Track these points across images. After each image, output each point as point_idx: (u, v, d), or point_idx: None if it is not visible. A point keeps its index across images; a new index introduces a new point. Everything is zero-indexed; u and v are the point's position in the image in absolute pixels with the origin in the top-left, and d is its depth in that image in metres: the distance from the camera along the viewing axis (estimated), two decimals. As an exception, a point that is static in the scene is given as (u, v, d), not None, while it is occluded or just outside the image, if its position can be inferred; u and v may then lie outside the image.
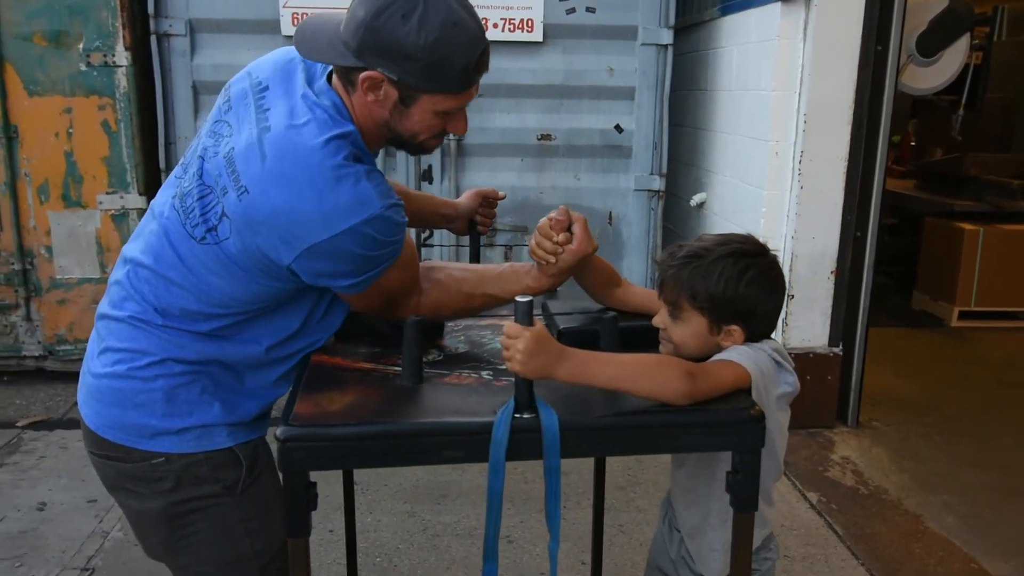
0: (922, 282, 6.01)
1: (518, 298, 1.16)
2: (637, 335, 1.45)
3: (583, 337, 1.42)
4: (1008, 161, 5.98)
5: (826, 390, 3.81)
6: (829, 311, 3.73)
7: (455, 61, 1.29)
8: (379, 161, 4.10)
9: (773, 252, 1.46)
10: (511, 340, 1.16)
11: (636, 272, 4.30)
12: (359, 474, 3.29)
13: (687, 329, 1.41)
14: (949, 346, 5.28)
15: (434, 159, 4.18)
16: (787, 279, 3.59)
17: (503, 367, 1.25)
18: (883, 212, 3.75)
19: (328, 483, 2.27)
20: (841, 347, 3.78)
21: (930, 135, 7.44)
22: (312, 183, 1.24)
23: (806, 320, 3.72)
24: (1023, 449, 3.71)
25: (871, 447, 3.70)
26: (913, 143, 7.56)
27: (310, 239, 1.25)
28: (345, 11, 1.31)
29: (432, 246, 4.24)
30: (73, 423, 3.71)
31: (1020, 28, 8.18)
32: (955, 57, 4.13)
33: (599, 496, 2.23)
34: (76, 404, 1.47)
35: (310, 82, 1.36)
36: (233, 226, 1.28)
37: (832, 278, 3.69)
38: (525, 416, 1.16)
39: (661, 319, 1.44)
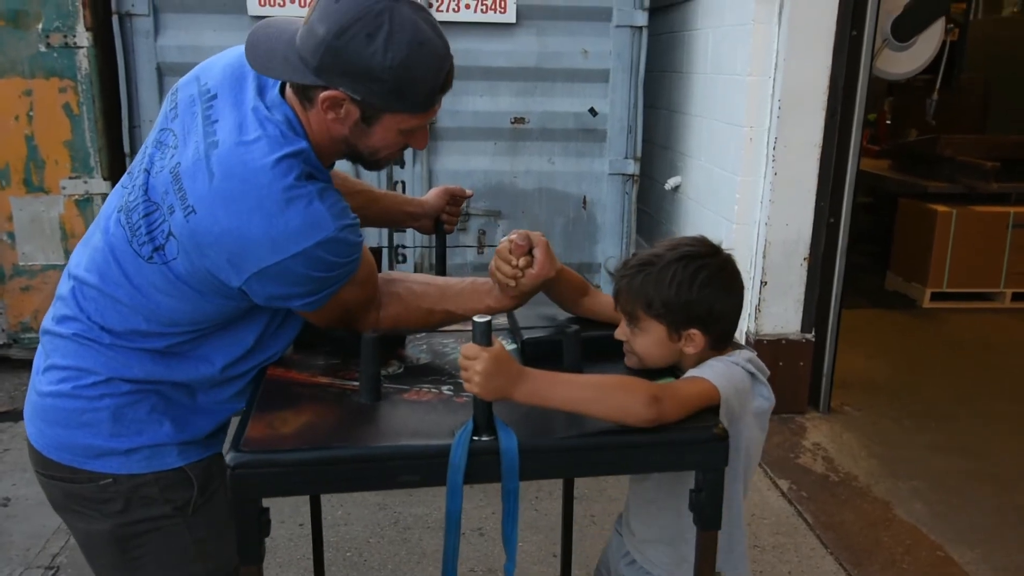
0: (895, 263, 6.04)
1: (476, 318, 1.13)
2: (603, 345, 1.43)
3: (547, 347, 1.39)
4: (982, 142, 6.00)
5: (798, 376, 3.82)
6: (802, 297, 3.73)
7: (421, 82, 1.25)
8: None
9: (728, 251, 1.44)
10: (469, 361, 1.13)
11: (611, 257, 4.28)
12: (330, 465, 3.27)
13: (648, 339, 1.39)
14: (921, 328, 5.31)
15: (406, 143, 4.11)
16: (760, 265, 3.60)
17: (462, 381, 1.22)
18: (856, 198, 3.74)
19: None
20: (814, 333, 3.79)
21: (905, 114, 7.44)
22: (261, 205, 1.19)
23: (779, 307, 3.72)
24: (992, 433, 3.75)
25: (842, 432, 3.72)
26: (889, 121, 7.57)
27: (260, 263, 1.20)
28: (300, 20, 1.25)
29: (404, 260, 4.19)
30: (38, 413, 3.63)
31: (997, 6, 8.18)
32: (930, 42, 4.11)
33: (568, 488, 2.22)
34: None
35: (261, 93, 1.30)
36: (180, 246, 1.23)
37: (805, 264, 3.69)
38: (484, 439, 1.14)
39: (622, 331, 1.42)
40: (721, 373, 1.32)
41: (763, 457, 3.42)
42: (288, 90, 1.31)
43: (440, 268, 1.98)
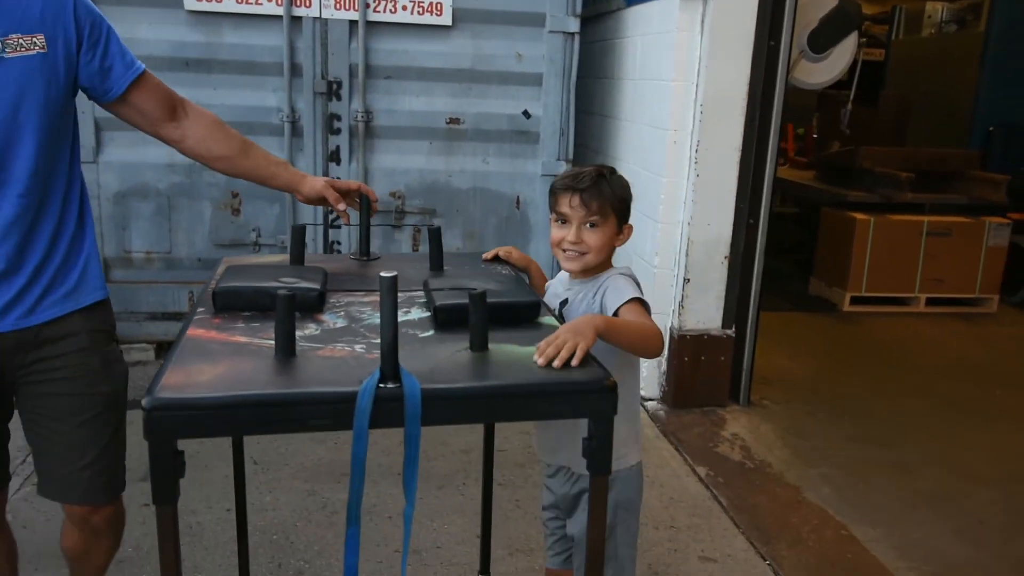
0: (818, 269, 6.29)
1: (382, 273, 1.21)
2: (508, 311, 1.53)
3: (458, 313, 1.48)
4: (898, 154, 6.30)
5: (719, 370, 3.98)
6: (723, 295, 3.90)
7: None
8: (286, 142, 4.09)
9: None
10: (556, 340, 1.34)
11: (543, 254, 4.38)
12: (261, 454, 3.30)
13: (605, 234, 1.76)
14: (840, 330, 5.56)
15: (342, 140, 4.18)
16: (683, 264, 3.76)
17: (377, 340, 1.31)
18: (774, 200, 3.93)
19: (227, 463, 2.31)
20: (734, 329, 3.95)
21: (831, 128, 7.77)
22: None
23: (701, 303, 3.88)
24: (899, 425, 3.96)
25: (760, 424, 3.89)
26: (816, 136, 7.88)
27: None
28: None
29: (338, 227, 4.25)
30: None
31: (916, 27, 8.59)
32: (844, 54, 4.34)
33: (488, 470, 2.32)
34: None
35: None
36: None
37: (726, 263, 3.86)
38: (389, 386, 1.22)
39: (576, 236, 1.75)
40: (635, 288, 1.71)
41: (684, 446, 3.58)
42: None
43: (364, 248, 2.06)
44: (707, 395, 3.99)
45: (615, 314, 1.65)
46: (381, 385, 1.22)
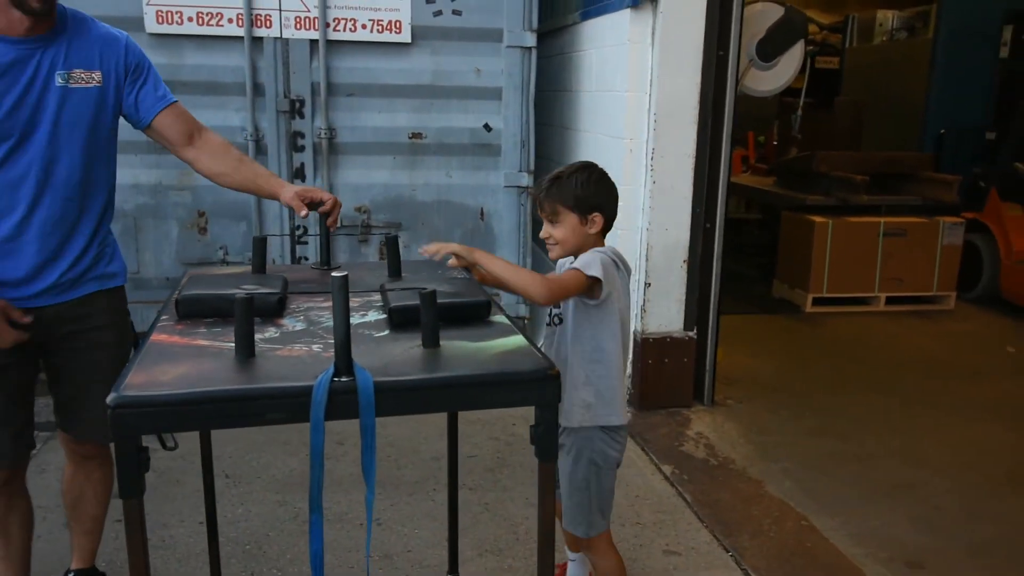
0: (780, 271, 6.43)
1: (333, 274, 1.28)
2: (458, 311, 1.61)
3: (412, 314, 1.56)
4: (853, 159, 6.48)
5: (683, 371, 4.08)
6: (683, 297, 4.00)
7: None
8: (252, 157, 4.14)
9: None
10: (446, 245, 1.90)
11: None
12: (233, 467, 3.34)
13: (566, 228, 2.05)
14: (802, 330, 5.69)
15: (306, 157, 4.24)
16: (643, 268, 3.85)
17: (332, 341, 1.38)
18: (735, 206, 4.05)
19: (199, 477, 2.36)
20: (695, 331, 4.05)
21: (790, 135, 7.95)
22: None
23: (662, 306, 3.97)
24: (860, 420, 4.07)
25: (723, 423, 3.98)
26: (776, 142, 8.06)
27: None
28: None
29: (305, 243, 4.30)
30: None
31: (869, 35, 8.83)
32: (791, 62, 4.49)
33: (453, 476, 2.39)
34: None
35: None
36: None
37: (685, 267, 3.96)
38: (343, 379, 1.29)
39: (546, 231, 2.06)
40: (590, 260, 1.97)
41: (649, 445, 3.66)
42: None
43: (324, 258, 2.13)
44: (672, 396, 4.08)
45: None
46: (335, 379, 1.29)
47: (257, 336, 1.49)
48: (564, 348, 2.10)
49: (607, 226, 2.10)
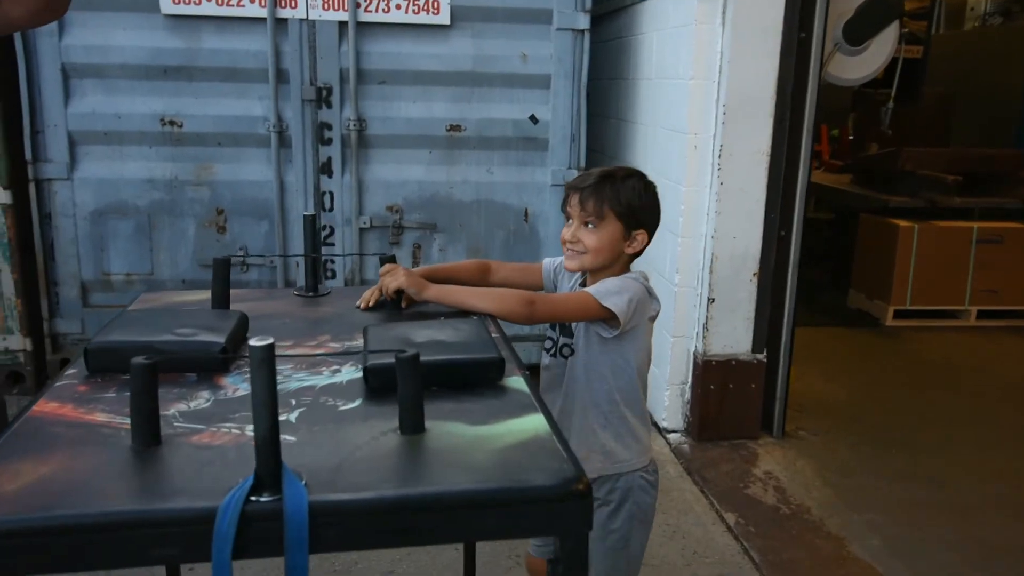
0: (857, 280, 5.85)
1: (252, 342, 0.86)
2: (457, 372, 1.17)
3: (388, 375, 1.13)
4: (944, 156, 5.84)
5: (750, 399, 3.58)
6: (752, 316, 3.50)
7: None
8: (273, 154, 3.77)
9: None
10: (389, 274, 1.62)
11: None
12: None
13: (605, 235, 1.72)
14: (883, 347, 5.11)
15: (334, 151, 3.86)
16: (707, 281, 3.38)
17: (287, 416, 0.98)
18: (808, 210, 3.53)
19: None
20: (765, 354, 3.55)
21: (868, 129, 7.30)
22: None
23: (728, 325, 3.48)
24: (955, 461, 3.53)
25: (796, 459, 3.48)
26: (852, 137, 7.42)
27: None
28: None
29: (336, 256, 3.92)
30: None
31: (957, 21, 8.11)
32: (883, 47, 3.92)
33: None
34: None
35: None
36: None
37: (755, 280, 3.46)
38: (264, 499, 0.87)
39: (574, 234, 1.74)
40: (617, 288, 1.68)
41: (711, 487, 3.19)
42: None
43: (310, 283, 1.72)
44: (736, 427, 3.59)
45: None
46: (252, 498, 0.87)
47: (178, 405, 1.08)
48: (575, 385, 1.81)
49: (641, 252, 1.79)
